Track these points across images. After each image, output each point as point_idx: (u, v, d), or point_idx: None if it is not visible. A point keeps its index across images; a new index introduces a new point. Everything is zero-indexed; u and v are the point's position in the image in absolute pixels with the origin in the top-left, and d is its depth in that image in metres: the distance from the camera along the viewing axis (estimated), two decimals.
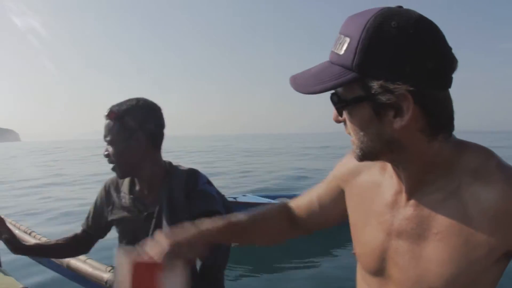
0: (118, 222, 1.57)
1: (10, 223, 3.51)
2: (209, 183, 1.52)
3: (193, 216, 1.29)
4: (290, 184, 14.97)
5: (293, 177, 17.11)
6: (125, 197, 1.54)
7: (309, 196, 1.12)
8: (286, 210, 1.15)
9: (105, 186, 1.64)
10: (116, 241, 1.62)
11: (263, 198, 9.14)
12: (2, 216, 1.59)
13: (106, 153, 1.47)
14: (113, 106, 1.46)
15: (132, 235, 1.51)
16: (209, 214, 1.27)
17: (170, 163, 1.56)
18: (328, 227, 1.09)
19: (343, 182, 1.02)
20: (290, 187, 13.83)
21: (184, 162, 1.69)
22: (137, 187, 1.54)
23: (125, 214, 1.53)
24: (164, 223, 1.42)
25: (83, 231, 1.69)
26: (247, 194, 9.66)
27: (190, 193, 1.45)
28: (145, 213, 1.49)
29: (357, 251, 0.96)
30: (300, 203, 1.13)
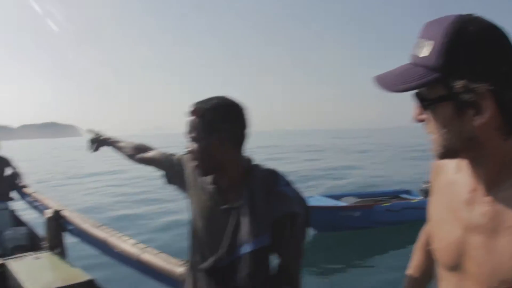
0: (196, 203, 1.56)
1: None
2: (288, 184, 1.48)
3: (274, 219, 1.37)
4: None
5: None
6: (207, 184, 1.53)
7: None
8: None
9: (185, 159, 1.64)
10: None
11: (329, 199, 9.09)
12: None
13: (189, 150, 1.48)
14: (199, 103, 1.46)
15: (206, 230, 1.52)
16: (289, 216, 1.37)
17: (249, 161, 1.55)
18: None
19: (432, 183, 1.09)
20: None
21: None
22: (219, 181, 1.52)
23: (204, 198, 1.53)
24: (245, 220, 1.41)
25: (165, 157, 1.75)
26: (313, 195, 9.61)
27: (269, 193, 1.44)
28: (225, 207, 1.47)
29: (435, 246, 1.01)
30: None
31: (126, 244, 2.64)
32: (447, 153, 0.86)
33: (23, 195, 5.93)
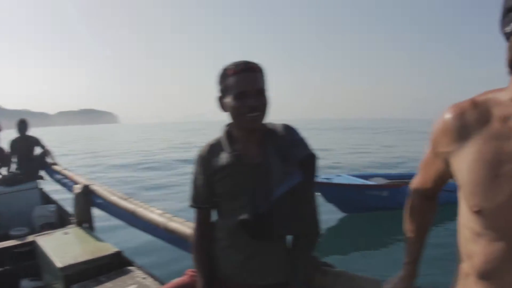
0: (221, 183, 1.60)
1: (108, 191, 3.49)
2: (300, 133, 1.64)
3: (300, 160, 1.52)
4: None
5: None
6: (226, 156, 1.59)
7: (429, 175, 1.22)
8: (425, 197, 1.31)
9: (200, 155, 1.66)
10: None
11: (357, 179, 8.88)
12: None
13: (257, 104, 1.51)
14: (249, 62, 1.54)
15: (236, 190, 1.56)
16: (311, 157, 1.54)
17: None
18: None
19: (445, 154, 1.06)
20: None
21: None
22: (238, 145, 1.60)
23: (228, 171, 1.57)
24: (276, 166, 1.52)
25: (203, 209, 1.69)
26: (341, 174, 9.39)
27: (291, 141, 1.58)
28: (252, 166, 1.55)
29: (486, 205, 0.93)
30: (427, 184, 1.25)
31: (154, 214, 2.62)
32: None
33: (52, 173, 6.00)
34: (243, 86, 1.49)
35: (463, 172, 0.99)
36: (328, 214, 8.12)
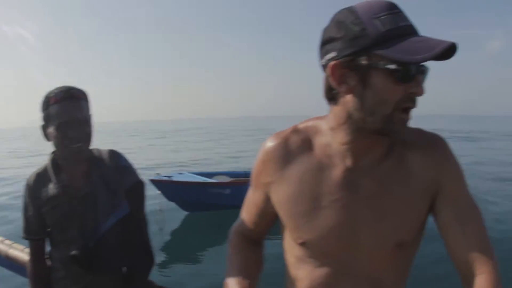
0: (50, 214, 1.53)
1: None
2: (127, 159, 1.61)
3: (126, 189, 1.53)
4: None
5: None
6: (53, 187, 1.52)
7: (251, 214, 1.15)
8: (247, 240, 1.18)
9: (28, 185, 1.57)
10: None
11: (199, 177, 8.65)
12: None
13: (80, 134, 1.45)
14: (70, 88, 1.47)
15: (64, 222, 1.51)
16: (137, 185, 1.57)
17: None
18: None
19: (266, 185, 1.05)
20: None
21: None
22: (64, 174, 1.54)
23: (55, 203, 1.51)
24: (101, 201, 1.50)
25: (36, 240, 1.60)
26: (183, 172, 9.05)
27: (117, 168, 1.55)
28: (79, 196, 1.51)
29: (310, 238, 0.97)
30: (250, 225, 1.17)
31: None
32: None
33: None
34: (65, 116, 1.42)
35: (284, 203, 1.00)
36: (171, 213, 7.86)
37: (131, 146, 24.95)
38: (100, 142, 1.76)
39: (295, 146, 1.00)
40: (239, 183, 8.32)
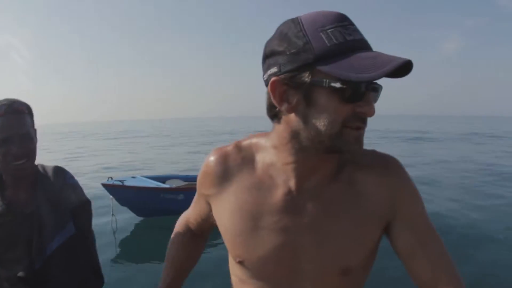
0: None
1: None
2: (73, 176, 1.58)
3: (71, 208, 1.48)
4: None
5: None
6: None
7: (196, 215, 1.18)
8: (191, 232, 1.25)
9: None
10: None
11: (152, 181, 8.55)
12: None
13: (22, 151, 1.40)
14: (14, 101, 1.41)
15: (9, 241, 1.45)
16: (84, 204, 1.53)
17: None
18: None
19: (207, 197, 1.04)
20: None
21: None
22: (8, 191, 1.48)
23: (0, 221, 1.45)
24: (46, 220, 1.44)
25: None
26: (136, 176, 8.90)
27: (62, 187, 1.51)
28: (24, 214, 1.46)
29: (247, 258, 0.94)
30: (194, 221, 1.21)
31: None
32: None
33: None
34: (6, 131, 1.38)
35: (224, 219, 0.98)
36: (123, 218, 7.72)
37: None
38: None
39: (235, 164, 0.97)
40: (192, 189, 8.27)
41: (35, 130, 1.48)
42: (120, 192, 7.64)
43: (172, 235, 1.28)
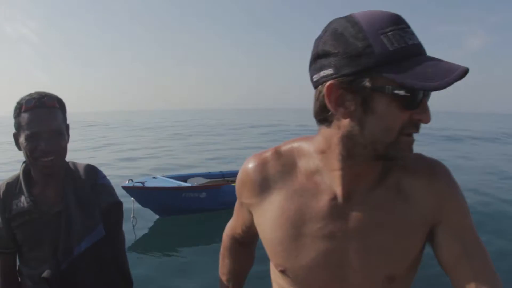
0: (20, 229, 1.42)
1: None
2: (105, 176, 1.52)
3: (102, 209, 1.44)
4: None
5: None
6: (24, 201, 1.41)
7: (239, 223, 1.16)
8: (240, 244, 1.25)
9: None
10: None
11: (173, 181, 8.39)
12: None
13: (51, 148, 1.34)
14: (45, 95, 1.36)
15: (35, 239, 1.41)
16: (115, 205, 1.49)
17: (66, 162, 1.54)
18: None
19: (247, 205, 1.02)
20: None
21: None
22: (37, 188, 1.44)
23: (26, 218, 1.40)
24: (75, 220, 1.39)
25: (6, 254, 1.48)
26: (157, 176, 8.76)
27: (93, 186, 1.46)
28: (51, 213, 1.41)
29: (289, 266, 0.92)
30: (238, 231, 1.19)
31: None
32: None
33: None
34: (35, 126, 1.32)
35: (265, 228, 0.95)
36: (145, 218, 7.60)
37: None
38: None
39: (275, 171, 0.94)
40: (214, 186, 8.09)
41: (67, 126, 1.41)
42: (141, 194, 7.51)
43: (222, 249, 1.29)
